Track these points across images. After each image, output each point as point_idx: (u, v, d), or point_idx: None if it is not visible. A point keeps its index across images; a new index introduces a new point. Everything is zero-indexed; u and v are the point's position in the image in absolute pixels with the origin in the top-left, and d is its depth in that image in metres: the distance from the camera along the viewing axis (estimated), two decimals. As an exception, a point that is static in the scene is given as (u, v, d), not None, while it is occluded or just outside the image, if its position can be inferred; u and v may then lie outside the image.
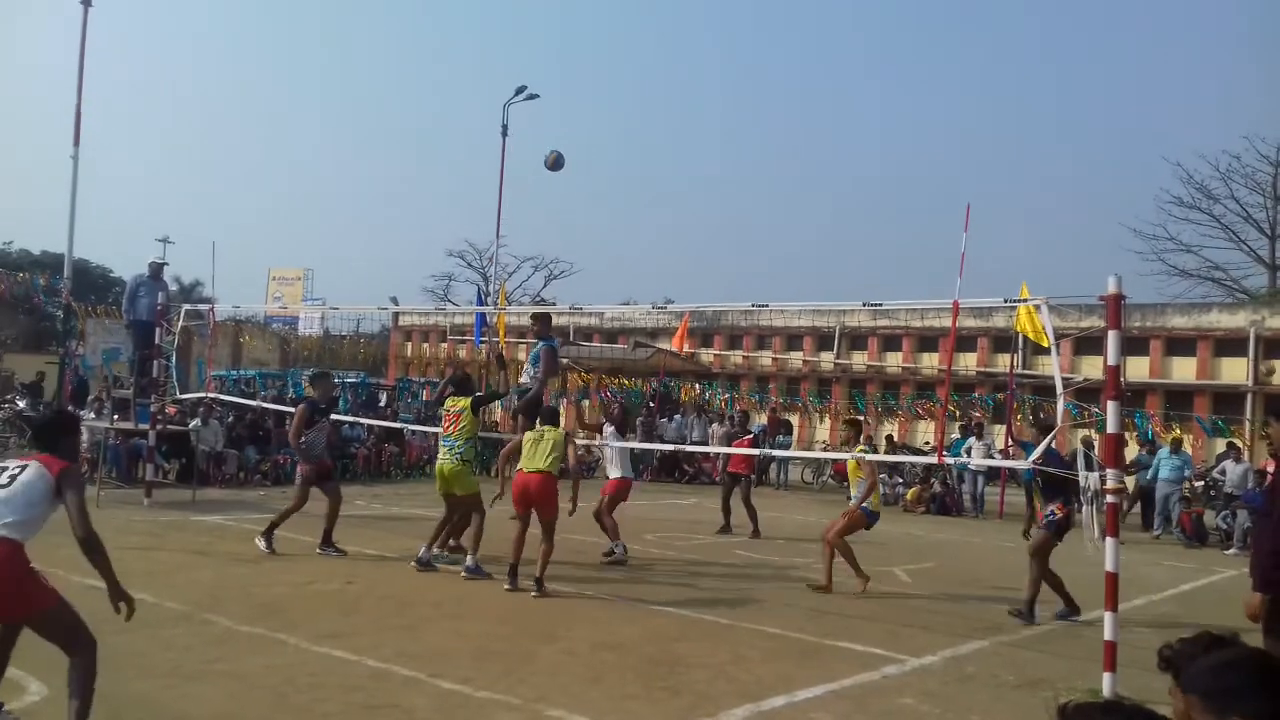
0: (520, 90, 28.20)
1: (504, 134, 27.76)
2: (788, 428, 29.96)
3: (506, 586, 9.22)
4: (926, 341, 41.30)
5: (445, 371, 47.14)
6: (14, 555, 4.66)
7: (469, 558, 9.94)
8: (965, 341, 38.11)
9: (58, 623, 4.81)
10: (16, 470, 4.78)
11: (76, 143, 16.58)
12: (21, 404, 20.55)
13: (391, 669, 6.33)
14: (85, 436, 16.88)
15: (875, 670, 7.12)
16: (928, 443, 29.50)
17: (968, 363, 38.89)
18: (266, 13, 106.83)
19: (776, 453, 21.51)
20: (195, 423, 17.18)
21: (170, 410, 16.71)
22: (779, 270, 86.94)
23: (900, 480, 21.95)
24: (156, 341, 15.04)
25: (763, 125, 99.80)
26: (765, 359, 45.62)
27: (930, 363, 40.86)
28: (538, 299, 59.15)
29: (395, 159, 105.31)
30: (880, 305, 10.69)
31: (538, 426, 9.87)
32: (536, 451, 9.48)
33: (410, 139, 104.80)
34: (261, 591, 8.61)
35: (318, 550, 10.73)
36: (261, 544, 10.55)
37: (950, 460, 13.56)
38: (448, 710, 5.64)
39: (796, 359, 44.71)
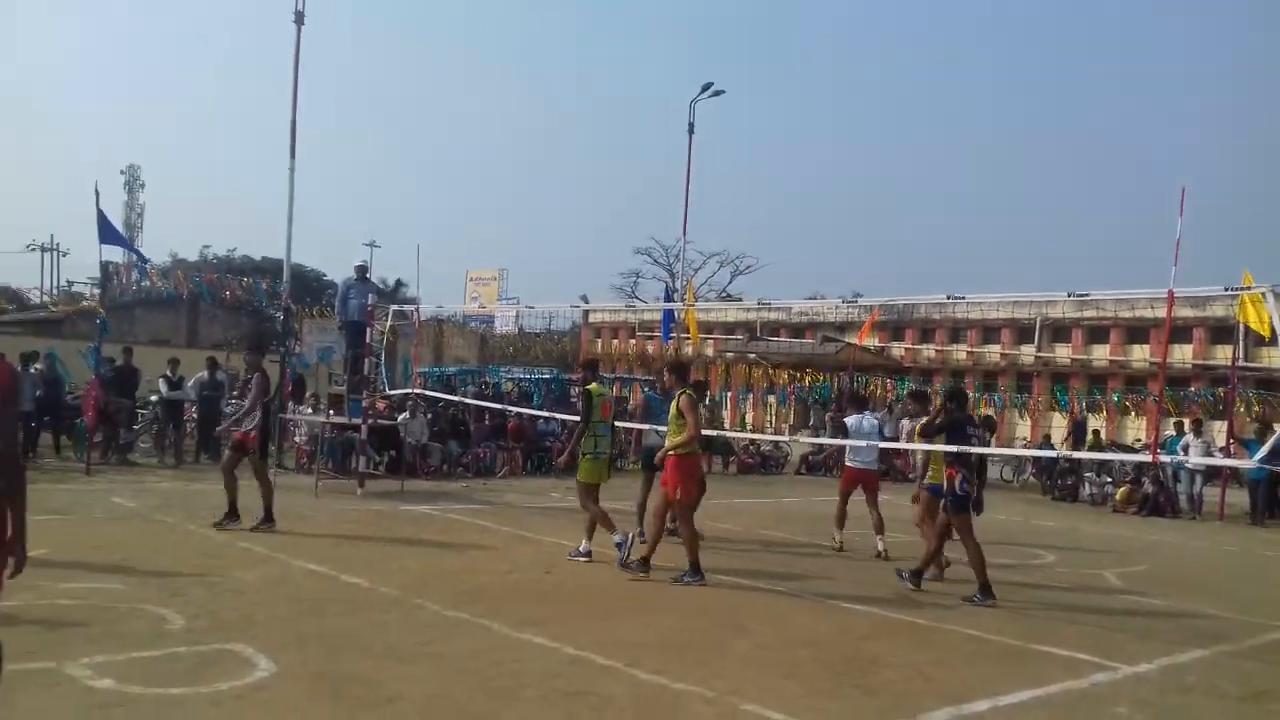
0: (706, 87, 28.26)
1: (690, 131, 27.88)
2: (990, 424, 28.90)
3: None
4: (1136, 333, 39.09)
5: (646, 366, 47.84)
6: None
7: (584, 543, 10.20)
8: (1180, 333, 35.86)
9: None
10: None
11: (293, 155, 17.65)
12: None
13: (589, 657, 6.49)
14: (304, 430, 18.04)
15: (1084, 677, 6.81)
16: (1138, 440, 27.92)
17: (1183, 355, 36.57)
18: (458, 23, 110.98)
19: (975, 449, 20.73)
20: (403, 417, 18.06)
21: (380, 405, 17.61)
22: (974, 260, 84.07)
23: (1109, 479, 20.87)
24: (367, 340, 15.90)
25: (953, 107, 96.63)
26: (959, 353, 44.20)
27: (1141, 355, 38.60)
28: (723, 294, 59.21)
29: (585, 160, 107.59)
30: (1087, 295, 10.15)
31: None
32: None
33: (600, 140, 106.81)
34: (466, 579, 8.98)
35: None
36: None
37: (1166, 459, 12.73)
38: (644, 700, 5.74)
39: (994, 352, 43.14)
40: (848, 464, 12.17)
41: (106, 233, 15.60)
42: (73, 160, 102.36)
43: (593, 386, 10.66)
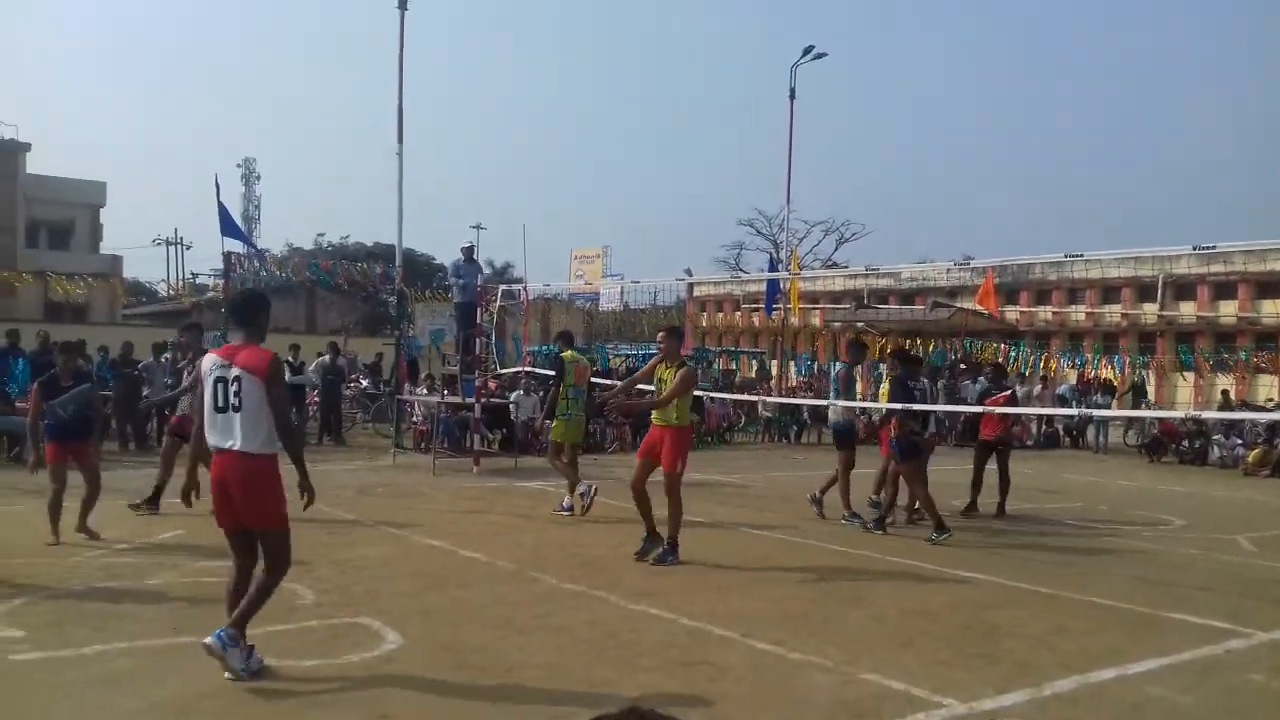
0: (808, 50, 27.80)
1: (792, 97, 27.48)
2: (1109, 388, 28.01)
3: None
4: (1266, 288, 37.29)
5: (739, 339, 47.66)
6: (268, 467, 5.34)
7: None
8: (1315, 285, 34.07)
9: (278, 541, 5.39)
10: (236, 387, 5.29)
11: (400, 140, 17.96)
12: (365, 383, 22.77)
13: (705, 628, 6.55)
14: (420, 410, 18.49)
15: (1217, 644, 6.59)
16: (1270, 399, 26.70)
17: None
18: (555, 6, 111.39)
19: (1095, 413, 20.13)
20: (516, 395, 18.36)
21: (491, 385, 17.95)
22: (1086, 217, 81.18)
23: (1240, 441, 20.04)
24: (477, 320, 16.20)
25: (1065, 54, 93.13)
26: (1078, 314, 42.84)
27: (1272, 310, 36.81)
28: (829, 263, 58.40)
29: (686, 132, 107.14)
30: (1213, 248, 9.67)
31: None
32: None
33: (700, 111, 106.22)
34: (581, 552, 9.13)
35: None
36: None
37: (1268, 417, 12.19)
38: (762, 669, 5.77)
39: (1114, 312, 41.70)
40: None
41: (226, 225, 16.21)
42: (193, 156, 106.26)
43: (566, 354, 11.75)
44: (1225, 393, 26.31)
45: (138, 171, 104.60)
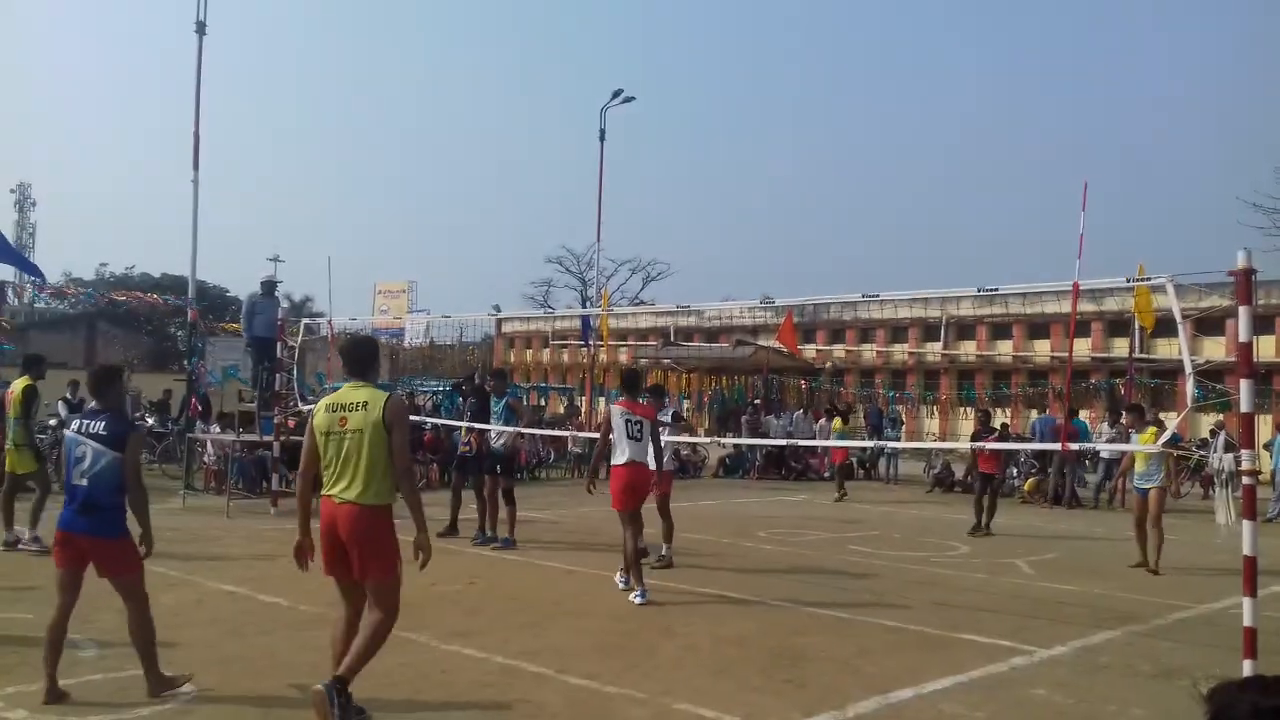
0: (617, 94, 28.38)
1: (601, 138, 27.99)
2: (894, 422, 29.55)
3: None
4: (1038, 329, 40.27)
5: (547, 376, 47.72)
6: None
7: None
8: (1079, 327, 36.99)
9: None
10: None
11: (196, 167, 17.17)
12: (150, 421, 21.47)
13: (519, 665, 6.46)
14: (213, 450, 17.58)
15: (1003, 662, 7.01)
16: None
17: (1080, 348, 37.75)
18: (359, 33, 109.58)
19: (889, 444, 21.17)
20: (315, 433, 17.70)
21: (290, 422, 17.26)
22: (876, 264, 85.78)
23: (1016, 472, 21.47)
24: (278, 356, 15.58)
25: (850, 103, 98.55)
26: (869, 352, 45.02)
27: (1043, 350, 39.80)
28: (635, 301, 59.37)
29: (491, 169, 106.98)
30: (996, 291, 10.39)
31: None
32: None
33: (505, 148, 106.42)
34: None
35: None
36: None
37: (1075, 447, 13.19)
38: (577, 705, 5.73)
39: (902, 351, 44.02)
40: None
41: (3, 252, 15.01)
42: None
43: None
44: (1004, 425, 28.17)
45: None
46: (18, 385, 10.91)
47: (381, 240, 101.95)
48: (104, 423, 5.61)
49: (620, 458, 9.10)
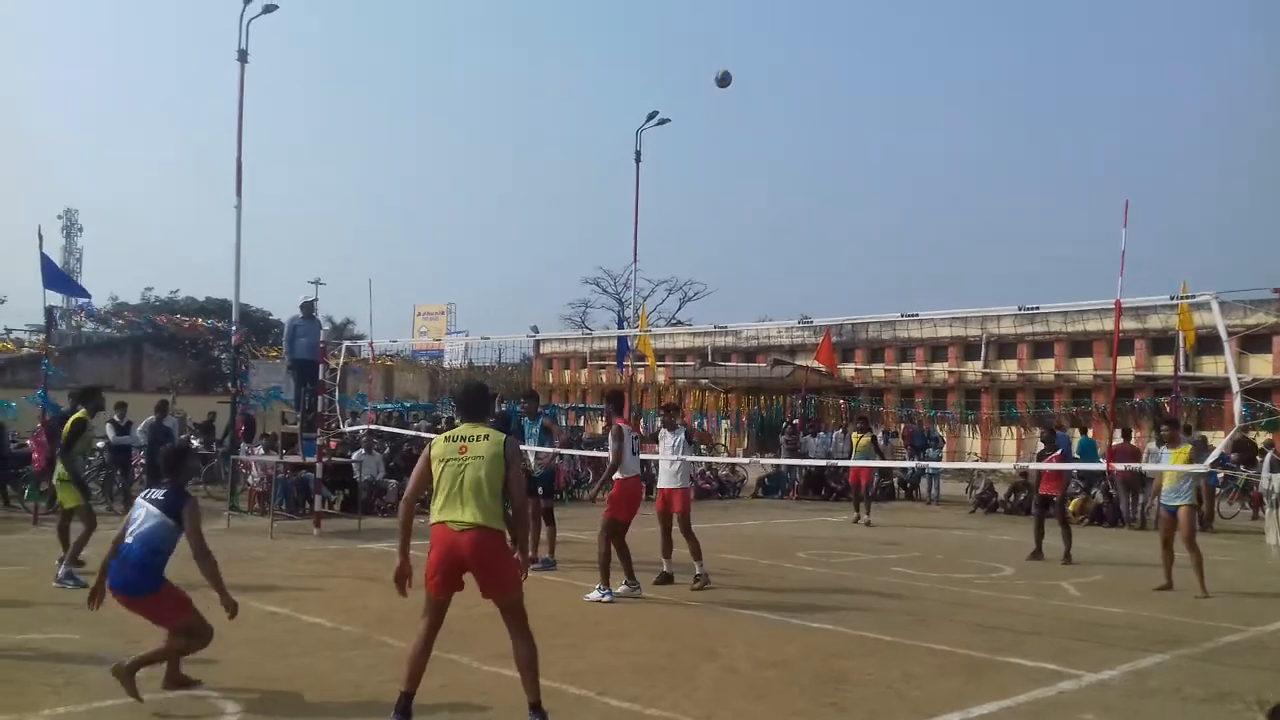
0: (652, 115, 28.42)
1: (637, 159, 28.01)
2: (936, 441, 29.29)
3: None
4: (1080, 346, 39.84)
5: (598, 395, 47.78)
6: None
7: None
8: (1122, 345, 36.56)
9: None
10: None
11: (239, 193, 17.44)
12: (196, 442, 21.72)
13: (561, 687, 6.45)
14: (256, 471, 17.77)
15: (1050, 686, 6.89)
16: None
17: (1123, 366, 37.29)
18: (398, 56, 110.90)
19: (930, 465, 21.00)
20: (358, 454, 17.86)
21: (331, 444, 17.41)
22: (914, 281, 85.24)
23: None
24: (319, 378, 15.74)
25: (886, 119, 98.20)
26: (908, 371, 44.73)
27: (1085, 368, 39.33)
28: (672, 321, 59.45)
29: (528, 191, 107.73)
30: (1037, 309, 10.29)
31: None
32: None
33: (542, 170, 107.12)
34: (430, 615, 8.87)
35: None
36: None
37: (1120, 467, 12.98)
38: (618, 727, 5.71)
39: (941, 370, 43.69)
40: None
41: (52, 278, 15.33)
42: (3, 205, 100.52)
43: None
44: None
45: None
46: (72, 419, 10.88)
47: (420, 263, 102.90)
48: (165, 492, 6.07)
49: (628, 473, 10.20)
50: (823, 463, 21.38)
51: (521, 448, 11.89)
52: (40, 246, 14.92)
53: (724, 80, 16.52)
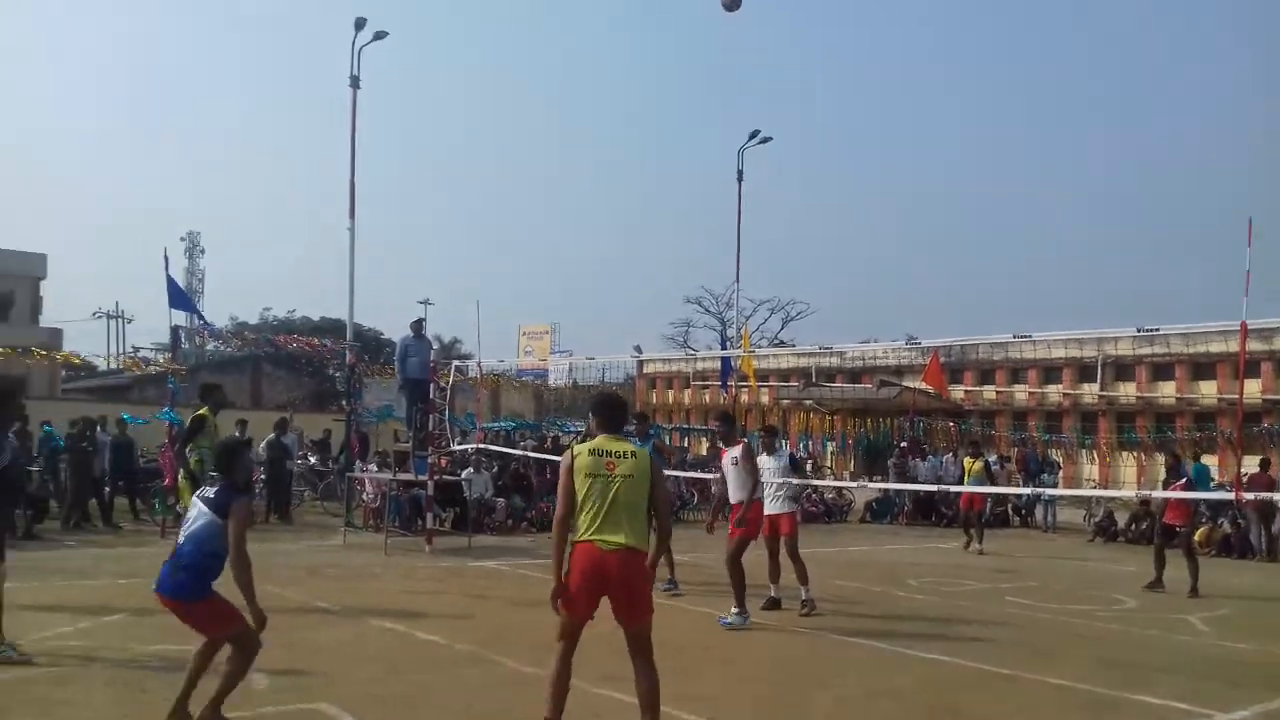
0: (754, 135, 28.42)
1: (739, 179, 28.02)
2: (1052, 466, 28.45)
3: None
4: (1202, 369, 38.30)
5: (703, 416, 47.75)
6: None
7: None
8: (1248, 367, 35.06)
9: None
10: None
11: (352, 215, 17.95)
12: (313, 459, 22.39)
13: (673, 713, 6.43)
14: (370, 488, 18.21)
15: (1180, 726, 6.62)
16: (1213, 480, 27.26)
17: (1249, 389, 35.74)
18: (505, 79, 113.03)
19: (1047, 491, 20.42)
20: (467, 472, 18.17)
21: (441, 462, 17.74)
22: (1024, 298, 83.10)
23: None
24: (430, 396, 16.07)
25: (998, 132, 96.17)
26: (1021, 393, 43.61)
27: (1209, 392, 37.79)
28: (775, 341, 59.06)
29: (630, 211, 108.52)
30: (1157, 330, 9.96)
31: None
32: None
33: (643, 190, 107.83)
34: (541, 634, 8.91)
35: None
36: None
37: (1250, 496, 12.40)
38: (731, 755, 5.67)
39: (1056, 392, 42.49)
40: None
41: (176, 299, 16.01)
42: (130, 227, 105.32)
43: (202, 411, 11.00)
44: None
45: (77, 242, 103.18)
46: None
47: (525, 283, 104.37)
48: (216, 489, 5.72)
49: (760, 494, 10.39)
50: (933, 487, 20.94)
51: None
52: (166, 269, 15.59)
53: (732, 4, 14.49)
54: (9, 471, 8.32)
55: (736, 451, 10.34)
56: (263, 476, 19.28)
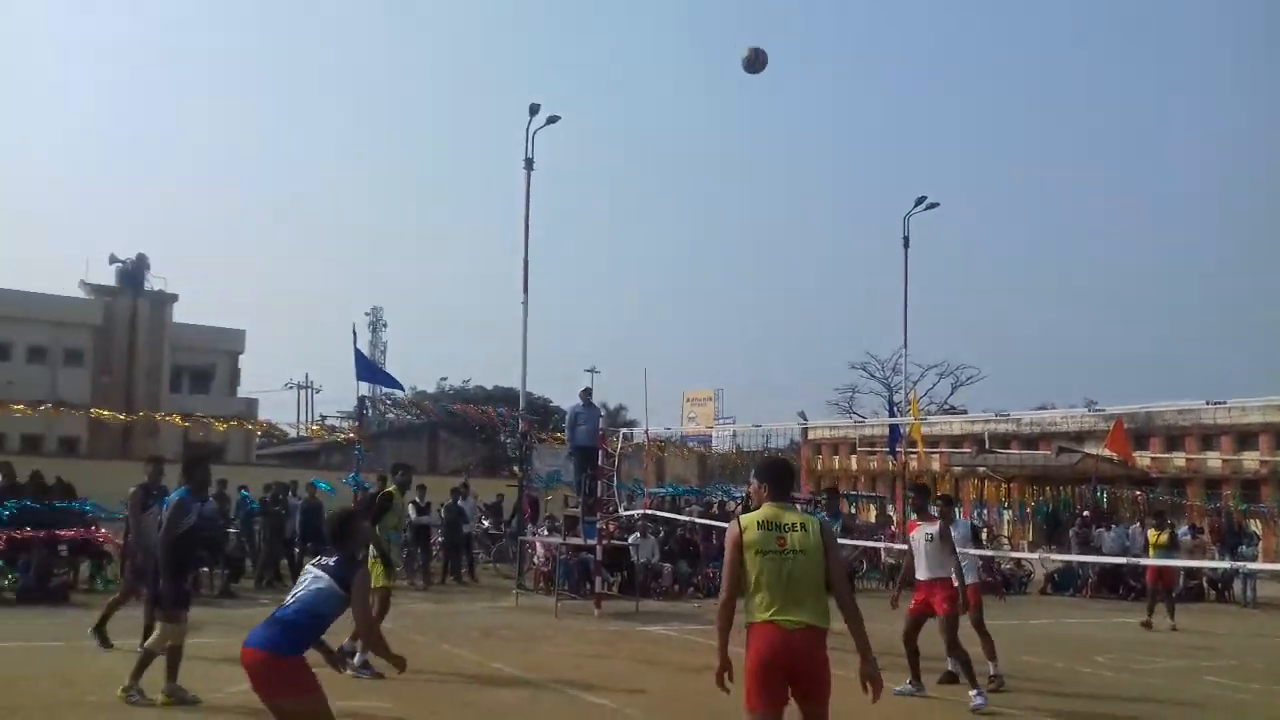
0: (920, 200, 28.10)
1: (905, 245, 27.71)
2: (1250, 538, 26.61)
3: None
4: None
5: (855, 483, 46.90)
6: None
7: None
8: None
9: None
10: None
11: (525, 290, 18.67)
12: (486, 523, 23.04)
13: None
14: (541, 551, 18.60)
15: None
16: None
17: None
18: (665, 148, 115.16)
19: (1247, 565, 19.11)
20: (634, 537, 18.35)
21: (609, 527, 17.99)
22: (1213, 361, 78.32)
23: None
24: (599, 463, 16.38)
25: (1174, 181, 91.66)
26: (1214, 460, 41.08)
27: None
28: (945, 407, 57.44)
29: (794, 276, 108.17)
30: (1367, 395, 9.31)
31: None
32: None
33: (808, 257, 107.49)
34: (708, 701, 8.90)
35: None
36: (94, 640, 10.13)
37: None
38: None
39: (1252, 459, 39.85)
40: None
41: (365, 370, 16.91)
42: (322, 304, 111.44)
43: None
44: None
45: (269, 318, 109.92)
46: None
47: (688, 350, 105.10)
48: (336, 559, 5.44)
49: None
50: (1120, 560, 19.84)
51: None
52: (354, 343, 16.52)
53: (754, 64, 12.82)
54: (198, 532, 8.89)
55: (933, 529, 9.97)
56: (440, 539, 19.97)
